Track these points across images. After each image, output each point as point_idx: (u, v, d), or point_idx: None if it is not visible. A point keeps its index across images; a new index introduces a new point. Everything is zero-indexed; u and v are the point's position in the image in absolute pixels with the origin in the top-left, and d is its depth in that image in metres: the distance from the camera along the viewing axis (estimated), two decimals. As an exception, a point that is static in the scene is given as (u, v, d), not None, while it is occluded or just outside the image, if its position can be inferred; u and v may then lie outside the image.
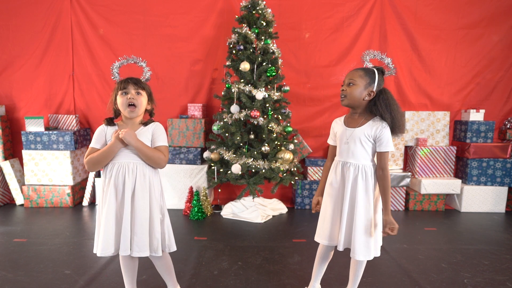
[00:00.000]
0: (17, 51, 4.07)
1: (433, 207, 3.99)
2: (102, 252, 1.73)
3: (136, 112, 1.80)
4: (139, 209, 1.75)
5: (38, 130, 3.86)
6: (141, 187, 1.76)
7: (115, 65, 1.91)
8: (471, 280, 2.41)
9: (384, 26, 4.06)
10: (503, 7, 4.03)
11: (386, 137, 1.78)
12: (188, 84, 4.16)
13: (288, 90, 3.70)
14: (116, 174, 1.75)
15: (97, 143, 1.80)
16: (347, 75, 1.84)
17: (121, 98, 1.78)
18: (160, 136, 1.83)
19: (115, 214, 1.75)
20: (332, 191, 1.91)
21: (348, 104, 1.84)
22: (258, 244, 2.98)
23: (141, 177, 1.77)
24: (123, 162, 1.76)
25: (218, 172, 3.72)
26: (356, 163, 1.83)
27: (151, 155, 1.76)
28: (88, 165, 1.78)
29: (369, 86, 1.80)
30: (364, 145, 1.82)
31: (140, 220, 1.74)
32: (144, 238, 1.75)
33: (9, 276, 2.38)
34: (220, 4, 4.02)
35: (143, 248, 1.76)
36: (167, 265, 2.00)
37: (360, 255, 1.82)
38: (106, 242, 1.73)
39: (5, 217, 3.59)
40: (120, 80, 1.83)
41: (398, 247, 2.94)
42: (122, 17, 4.03)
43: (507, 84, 4.17)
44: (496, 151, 3.90)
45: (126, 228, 1.73)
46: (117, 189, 1.75)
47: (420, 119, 4.08)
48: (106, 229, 1.73)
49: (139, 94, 1.80)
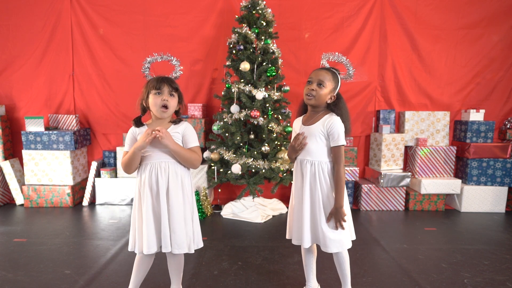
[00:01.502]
0: (17, 51, 4.07)
1: (433, 207, 3.99)
2: (149, 250, 1.78)
3: (168, 113, 1.82)
4: (174, 207, 1.79)
5: (38, 130, 3.86)
6: (175, 185, 1.80)
7: (147, 60, 1.91)
8: (471, 280, 2.41)
9: (384, 26, 4.06)
10: (503, 7, 4.03)
11: (337, 131, 1.82)
12: (188, 84, 4.16)
13: (288, 90, 3.70)
14: (150, 174, 1.79)
15: (129, 146, 1.84)
16: (316, 74, 1.86)
17: (155, 98, 1.78)
18: (192, 136, 1.86)
19: (152, 213, 1.79)
20: (295, 190, 1.97)
21: (314, 104, 1.87)
22: (258, 244, 2.98)
23: (173, 176, 1.80)
24: (155, 162, 1.80)
25: (218, 172, 3.72)
26: (312, 160, 1.87)
27: (187, 157, 1.80)
28: (123, 168, 1.83)
29: (333, 91, 1.88)
30: (319, 142, 1.86)
31: (176, 218, 1.79)
32: (182, 235, 1.80)
33: (9, 276, 2.38)
34: (220, 4, 4.02)
35: (181, 245, 1.80)
36: (180, 264, 2.04)
37: (333, 247, 1.84)
38: (150, 240, 1.78)
39: (5, 217, 3.59)
40: (154, 78, 1.82)
41: (398, 247, 2.94)
42: (122, 17, 4.03)
43: (507, 84, 4.17)
44: (496, 151, 3.90)
45: (165, 226, 1.77)
46: (151, 189, 1.79)
47: (420, 119, 4.08)
48: (148, 228, 1.78)
49: (172, 96, 1.82)
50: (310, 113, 1.94)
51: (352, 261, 2.65)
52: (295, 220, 1.96)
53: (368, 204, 3.97)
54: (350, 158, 4.08)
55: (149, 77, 1.91)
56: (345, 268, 1.98)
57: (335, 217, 1.83)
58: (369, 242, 3.05)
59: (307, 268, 2.12)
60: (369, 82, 4.15)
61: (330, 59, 2.00)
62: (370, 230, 3.33)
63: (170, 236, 1.79)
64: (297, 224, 1.94)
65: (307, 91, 1.86)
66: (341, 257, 1.94)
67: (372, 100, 4.20)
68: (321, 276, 2.40)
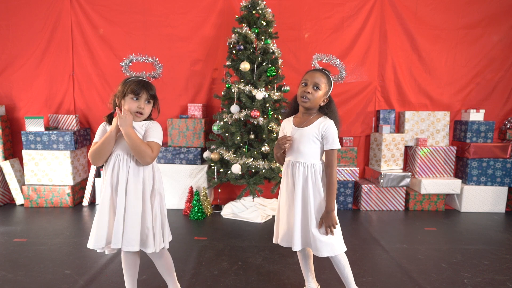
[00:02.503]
0: (17, 51, 4.07)
1: (433, 207, 3.99)
2: (95, 245, 1.71)
3: (140, 119, 1.80)
4: (130, 202, 1.71)
5: (38, 130, 3.86)
6: (134, 179, 1.73)
7: (129, 57, 1.89)
8: (471, 280, 2.40)
9: (384, 26, 4.06)
10: (503, 7, 4.03)
11: (332, 134, 1.83)
12: (188, 84, 4.16)
13: (288, 90, 3.70)
14: (113, 165, 1.74)
15: (99, 138, 1.78)
16: (311, 76, 1.84)
17: (131, 103, 1.75)
18: (154, 132, 1.78)
19: (109, 206, 1.72)
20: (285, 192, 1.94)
21: (309, 107, 1.85)
22: (258, 244, 2.98)
23: (134, 169, 1.73)
24: (118, 153, 1.74)
25: (218, 172, 3.72)
26: (305, 162, 1.86)
27: (137, 145, 1.67)
28: (91, 157, 1.73)
29: (327, 93, 1.87)
30: (313, 144, 1.85)
31: (131, 214, 1.71)
32: (134, 232, 1.71)
33: (9, 276, 2.38)
34: (220, 4, 4.02)
35: (131, 243, 1.71)
36: (168, 265, 1.99)
37: (324, 251, 1.83)
38: (99, 234, 1.71)
39: (5, 217, 3.59)
40: (134, 81, 1.77)
41: (398, 247, 2.94)
42: (122, 17, 4.03)
43: (507, 84, 4.17)
44: (496, 151, 3.90)
45: (118, 221, 1.70)
46: (112, 181, 1.73)
47: (420, 119, 4.08)
48: (100, 222, 1.71)
49: (148, 103, 1.80)
50: (303, 115, 1.92)
51: (352, 261, 2.65)
52: (284, 222, 1.93)
53: (368, 204, 3.97)
54: (350, 158, 4.08)
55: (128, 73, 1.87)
56: (345, 271, 1.96)
57: (325, 221, 1.82)
58: (369, 242, 3.05)
59: (304, 270, 2.13)
60: (369, 82, 4.15)
61: (323, 61, 1.97)
62: (370, 230, 3.33)
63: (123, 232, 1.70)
64: (286, 226, 1.92)
65: (302, 94, 1.83)
66: (338, 261, 1.92)
67: (372, 100, 4.20)
68: (321, 276, 2.40)
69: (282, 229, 1.94)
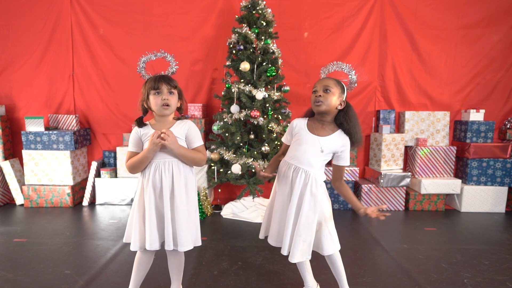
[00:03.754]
0: (17, 51, 4.07)
1: (433, 207, 3.99)
2: (151, 246, 1.79)
3: (170, 110, 1.82)
4: (179, 206, 1.80)
5: (38, 130, 3.86)
6: (179, 184, 1.81)
7: (142, 59, 1.91)
8: (471, 280, 2.41)
9: (384, 26, 4.06)
10: (503, 7, 4.03)
11: (347, 152, 1.87)
12: (188, 84, 4.16)
13: (288, 90, 3.70)
14: (154, 173, 1.80)
15: (133, 147, 1.86)
16: (320, 82, 1.84)
17: (155, 98, 1.79)
18: (196, 136, 1.88)
19: (155, 211, 1.80)
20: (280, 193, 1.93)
21: (325, 110, 1.82)
22: (258, 244, 2.98)
23: (177, 175, 1.81)
24: (159, 161, 1.81)
25: (218, 172, 3.72)
26: (307, 169, 1.85)
27: (192, 157, 1.82)
28: (129, 169, 1.85)
29: (341, 95, 1.84)
30: (320, 156, 1.84)
31: (181, 217, 1.80)
32: (187, 233, 1.82)
33: (9, 276, 2.38)
34: (220, 4, 4.02)
35: (186, 243, 1.82)
36: (181, 263, 2.04)
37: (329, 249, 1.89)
38: (153, 237, 1.79)
39: (5, 217, 3.59)
40: (151, 78, 1.82)
41: (398, 247, 2.94)
42: (122, 17, 4.03)
43: (507, 84, 4.17)
44: (496, 151, 3.90)
45: (168, 224, 1.78)
46: (155, 188, 1.81)
47: (420, 119, 4.08)
48: (151, 225, 1.79)
49: (172, 94, 1.82)
50: (319, 122, 1.88)
51: (352, 261, 2.66)
52: (276, 222, 1.94)
53: (368, 204, 3.97)
54: (350, 158, 4.08)
55: (146, 76, 1.91)
56: (340, 268, 2.00)
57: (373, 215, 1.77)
58: (369, 242, 3.05)
59: (301, 269, 2.14)
60: (369, 82, 4.15)
61: (330, 71, 1.95)
62: (370, 230, 3.33)
63: (174, 234, 1.80)
64: (278, 226, 1.94)
65: (314, 99, 1.81)
66: (334, 259, 1.96)
67: (372, 100, 4.20)
68: (321, 276, 2.40)
69: (274, 228, 1.96)
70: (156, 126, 1.84)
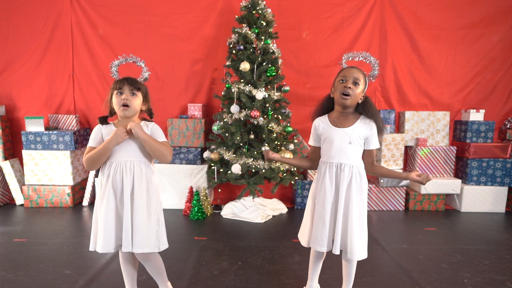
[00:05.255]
0: (17, 51, 4.07)
1: (433, 207, 3.99)
2: (103, 249, 1.75)
3: (129, 111, 1.81)
4: (138, 206, 1.77)
5: (38, 130, 3.86)
6: (139, 184, 1.78)
7: (114, 63, 1.93)
8: (471, 280, 2.40)
9: (384, 26, 4.06)
10: (503, 7, 4.03)
11: (376, 135, 1.86)
12: (188, 84, 4.16)
13: (288, 90, 3.70)
14: (114, 173, 1.77)
15: (94, 142, 1.82)
16: (350, 72, 1.79)
17: (116, 98, 1.81)
18: (160, 133, 1.86)
19: (114, 212, 1.77)
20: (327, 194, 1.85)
21: (350, 104, 1.81)
22: (258, 244, 2.98)
23: (138, 175, 1.79)
24: (120, 161, 1.79)
25: (218, 172, 3.72)
26: (350, 163, 1.83)
27: (158, 146, 1.77)
28: (86, 163, 1.79)
29: (364, 89, 1.85)
30: (357, 145, 1.83)
31: (140, 217, 1.77)
32: (145, 234, 1.78)
33: (9, 276, 2.38)
34: (220, 4, 4.02)
35: (144, 244, 1.78)
36: (158, 267, 1.99)
37: (359, 255, 1.83)
38: (107, 238, 1.76)
39: (5, 217, 3.59)
40: (116, 80, 1.85)
41: (398, 247, 2.94)
42: (122, 17, 4.03)
43: (507, 84, 4.17)
44: (496, 151, 3.90)
45: (127, 225, 1.75)
46: (115, 188, 1.78)
47: (420, 119, 4.08)
48: (107, 226, 1.75)
49: (134, 95, 1.82)
50: (341, 114, 1.86)
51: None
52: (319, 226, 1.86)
53: (368, 204, 3.97)
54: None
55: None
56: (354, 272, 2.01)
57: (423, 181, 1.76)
58: (369, 242, 3.02)
59: (314, 270, 2.10)
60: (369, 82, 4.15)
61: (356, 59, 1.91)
62: (370, 230, 3.32)
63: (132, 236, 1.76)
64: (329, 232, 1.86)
65: (343, 90, 1.76)
66: (354, 264, 1.97)
67: (372, 100, 4.19)
68: (321, 276, 2.40)
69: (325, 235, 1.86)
70: (119, 125, 1.82)
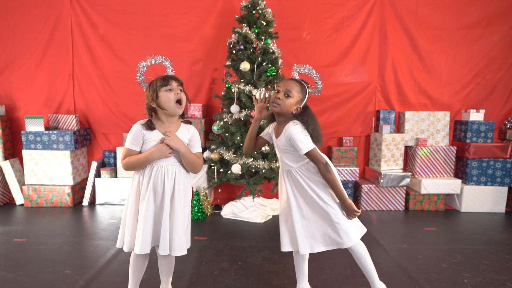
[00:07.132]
0: (17, 51, 4.07)
1: (433, 207, 3.99)
2: (142, 250, 1.76)
3: (182, 108, 1.82)
4: (177, 210, 1.79)
5: (38, 130, 3.86)
6: (179, 188, 1.81)
7: (142, 64, 1.88)
8: (471, 280, 2.40)
9: (384, 26, 4.06)
10: (503, 7, 4.03)
11: (298, 139, 1.78)
12: (188, 84, 4.15)
13: (288, 90, 3.70)
14: (155, 176, 1.78)
15: (133, 144, 1.78)
16: (285, 84, 1.88)
17: (168, 94, 1.76)
18: (197, 142, 1.89)
19: (153, 214, 1.78)
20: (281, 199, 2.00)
21: (279, 112, 1.87)
22: (258, 244, 2.98)
23: (178, 179, 1.81)
24: (161, 164, 1.79)
25: (218, 172, 3.72)
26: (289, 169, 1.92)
27: (193, 161, 1.81)
28: (125, 167, 1.80)
29: (300, 102, 1.88)
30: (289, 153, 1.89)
31: (180, 221, 1.79)
32: (183, 238, 1.81)
33: (9, 276, 2.38)
34: (220, 4, 4.02)
35: (182, 247, 1.81)
36: (172, 265, 2.03)
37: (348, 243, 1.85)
38: (145, 240, 1.76)
39: (5, 217, 3.59)
40: (160, 77, 1.80)
41: (398, 247, 2.94)
42: (122, 17, 4.03)
43: (507, 84, 4.17)
44: (496, 151, 3.90)
45: (165, 229, 1.77)
46: (155, 190, 1.78)
47: (420, 119, 4.08)
48: (145, 228, 1.76)
49: (182, 91, 1.82)
50: (278, 122, 1.96)
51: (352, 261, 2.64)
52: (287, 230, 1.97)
53: (368, 204, 3.97)
54: (350, 158, 4.08)
55: (144, 83, 1.88)
56: (366, 263, 1.95)
57: (346, 211, 1.84)
58: (369, 242, 3.05)
59: (298, 270, 2.14)
60: (369, 82, 4.15)
61: (301, 72, 2.02)
62: (370, 230, 3.33)
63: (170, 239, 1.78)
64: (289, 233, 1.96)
65: (273, 99, 1.87)
66: (357, 252, 1.92)
67: (372, 100, 4.20)
68: (321, 276, 2.40)
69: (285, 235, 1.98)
70: (163, 127, 1.80)
